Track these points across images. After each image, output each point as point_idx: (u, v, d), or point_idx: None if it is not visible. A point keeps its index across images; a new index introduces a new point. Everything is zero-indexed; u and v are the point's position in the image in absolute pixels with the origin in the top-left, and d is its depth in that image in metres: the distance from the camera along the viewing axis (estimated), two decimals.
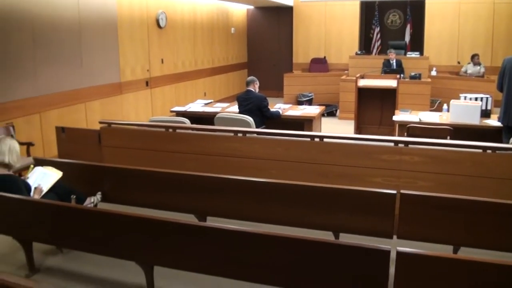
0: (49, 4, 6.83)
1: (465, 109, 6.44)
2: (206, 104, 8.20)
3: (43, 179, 4.37)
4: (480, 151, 4.61)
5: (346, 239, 3.80)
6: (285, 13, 14.21)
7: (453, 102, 6.62)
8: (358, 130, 9.37)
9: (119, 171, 4.83)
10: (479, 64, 11.47)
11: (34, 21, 6.58)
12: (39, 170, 4.47)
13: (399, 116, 7.09)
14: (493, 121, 6.44)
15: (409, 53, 12.28)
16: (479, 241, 3.70)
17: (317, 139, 5.19)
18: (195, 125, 6.08)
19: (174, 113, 7.76)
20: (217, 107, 7.83)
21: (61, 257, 4.39)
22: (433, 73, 11.94)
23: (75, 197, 4.37)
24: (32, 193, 4.18)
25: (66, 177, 4.52)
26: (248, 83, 7.05)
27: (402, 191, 3.82)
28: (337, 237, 4.08)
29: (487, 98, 6.72)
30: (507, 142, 5.62)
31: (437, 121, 6.64)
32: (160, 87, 9.85)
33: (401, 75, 10.44)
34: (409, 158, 4.74)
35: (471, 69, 11.55)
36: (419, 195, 3.83)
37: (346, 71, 12.24)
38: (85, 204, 4.49)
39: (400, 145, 4.84)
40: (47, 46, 6.82)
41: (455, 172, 4.61)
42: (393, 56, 11.15)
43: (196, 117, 7.28)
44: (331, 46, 13.57)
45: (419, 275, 2.76)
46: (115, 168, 4.89)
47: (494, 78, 8.81)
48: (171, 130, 5.77)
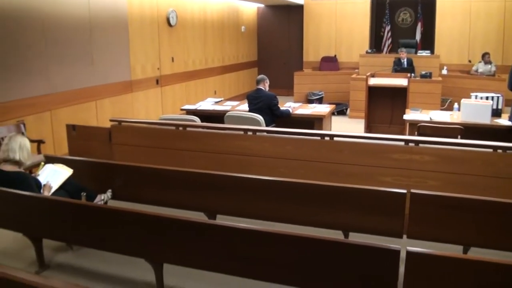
0: (60, 2, 6.87)
1: (476, 108, 6.40)
2: (216, 102, 8.20)
3: (54, 176, 4.40)
4: (490, 150, 4.58)
5: (355, 238, 3.80)
6: (295, 11, 14.20)
7: (463, 101, 6.58)
8: (368, 129, 9.35)
9: (129, 168, 4.84)
10: (490, 62, 11.38)
11: (45, 19, 6.61)
12: (50, 167, 4.49)
13: (410, 115, 7.06)
14: (504, 121, 6.40)
15: (419, 51, 12.21)
16: (489, 241, 3.68)
17: (327, 138, 5.17)
18: (205, 123, 6.09)
19: (184, 111, 7.77)
20: (227, 106, 7.84)
21: (71, 254, 4.41)
22: (444, 71, 11.88)
23: (85, 194, 4.40)
24: (41, 190, 4.20)
25: (76, 175, 4.55)
26: (258, 82, 7.05)
27: (412, 191, 3.79)
28: (346, 236, 4.07)
29: (498, 97, 6.67)
30: None
31: (448, 120, 6.61)
32: (170, 85, 9.88)
33: (412, 74, 10.40)
34: (420, 157, 4.72)
35: (482, 67, 11.46)
36: (429, 195, 3.80)
37: (356, 70, 12.22)
38: (95, 201, 4.51)
39: (410, 144, 4.81)
40: (58, 44, 6.86)
41: (466, 171, 4.58)
42: (404, 55, 11.10)
43: (206, 116, 7.29)
44: (341, 44, 13.54)
45: (429, 275, 2.75)
46: (125, 165, 4.91)
47: (505, 77, 8.75)
48: (181, 128, 5.78)
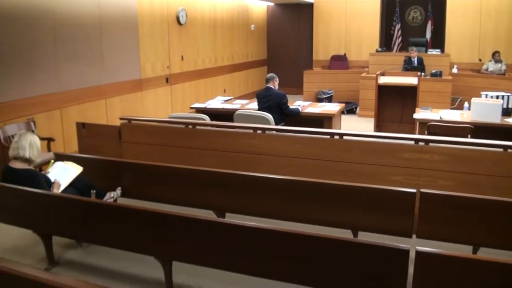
0: (70, 1, 6.90)
1: (486, 107, 6.36)
2: (225, 101, 8.21)
3: (64, 174, 4.42)
4: (501, 150, 4.55)
5: (365, 237, 3.79)
6: (305, 9, 14.17)
7: (474, 100, 6.54)
8: (378, 128, 9.31)
9: (139, 166, 4.86)
10: (500, 61, 11.30)
11: (55, 18, 6.64)
12: (60, 165, 4.52)
13: (420, 114, 7.02)
14: None
15: (430, 50, 12.15)
16: (499, 241, 3.65)
17: (336, 137, 5.16)
18: (214, 122, 6.10)
19: (193, 110, 7.78)
20: (236, 104, 7.84)
21: (80, 251, 4.44)
22: (454, 70, 11.80)
23: (95, 192, 4.42)
24: (51, 188, 4.23)
25: (86, 172, 4.58)
26: (267, 80, 7.05)
27: (422, 190, 3.78)
28: (355, 235, 4.06)
29: (508, 96, 6.62)
30: None
31: (458, 119, 6.56)
32: (180, 83, 9.89)
33: (422, 73, 10.35)
34: (430, 156, 4.70)
35: (492, 66, 11.37)
36: (439, 194, 3.79)
37: (366, 68, 12.18)
38: (105, 199, 4.53)
39: (420, 144, 4.80)
40: (68, 42, 6.89)
41: (476, 171, 4.55)
42: (414, 54, 11.05)
43: (215, 114, 7.30)
44: (351, 43, 13.50)
45: (438, 275, 2.74)
46: (135, 163, 4.93)
47: None
48: (190, 126, 5.79)
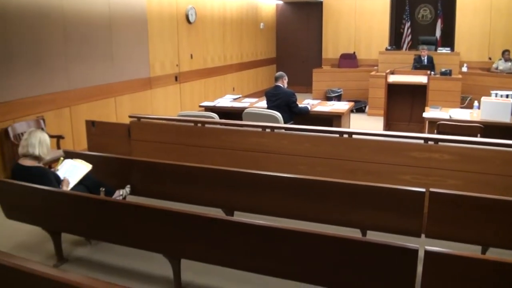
0: (80, 0, 6.92)
1: (496, 106, 6.32)
2: (234, 99, 8.22)
3: (73, 171, 4.44)
4: (511, 149, 4.51)
5: (373, 236, 3.79)
6: (314, 8, 14.15)
7: (484, 99, 6.50)
8: (387, 126, 9.29)
9: (148, 164, 4.88)
10: (510, 60, 11.20)
11: (65, 17, 6.68)
12: (69, 162, 4.54)
13: (429, 113, 7.00)
14: None
15: (439, 48, 12.08)
16: (509, 242, 3.63)
17: (346, 135, 5.15)
18: (223, 120, 6.10)
19: (202, 108, 7.80)
20: (245, 102, 7.85)
21: (89, 248, 4.46)
22: (464, 69, 11.73)
23: (104, 189, 4.44)
24: (60, 185, 4.25)
25: (95, 170, 4.60)
26: (276, 79, 7.05)
27: (431, 190, 3.76)
28: (364, 234, 4.06)
29: None
30: None
31: (468, 118, 6.53)
32: (189, 82, 9.91)
33: (432, 71, 10.30)
34: (439, 155, 4.67)
35: (502, 65, 11.29)
36: (448, 194, 3.77)
37: (375, 67, 12.14)
38: (114, 196, 4.55)
39: (430, 143, 4.77)
40: (78, 41, 6.92)
41: (486, 170, 4.52)
42: (425, 53, 11.01)
43: (224, 112, 7.30)
44: (360, 41, 13.46)
45: (447, 275, 2.72)
46: (144, 161, 4.95)
47: None
48: (199, 124, 5.80)
